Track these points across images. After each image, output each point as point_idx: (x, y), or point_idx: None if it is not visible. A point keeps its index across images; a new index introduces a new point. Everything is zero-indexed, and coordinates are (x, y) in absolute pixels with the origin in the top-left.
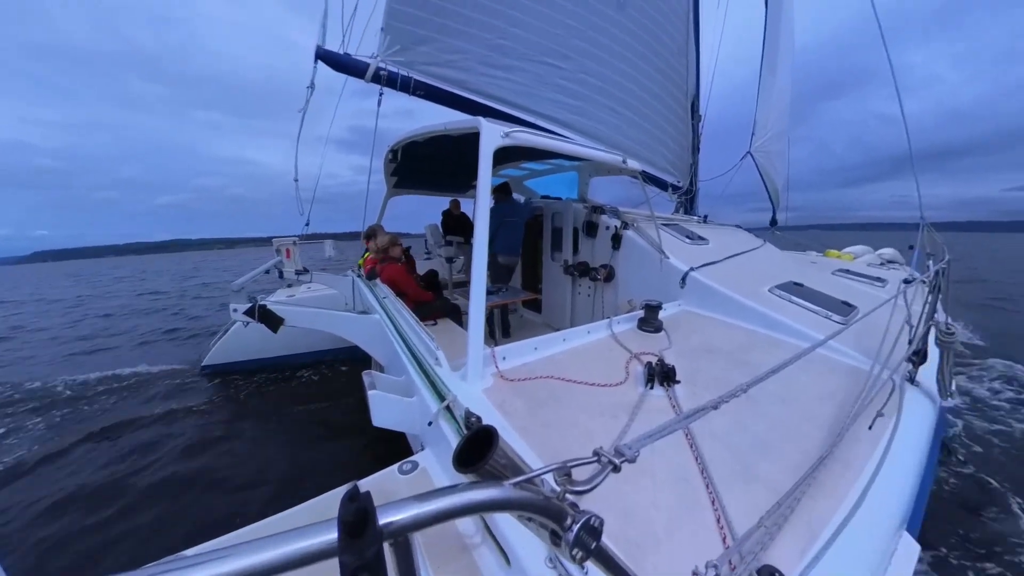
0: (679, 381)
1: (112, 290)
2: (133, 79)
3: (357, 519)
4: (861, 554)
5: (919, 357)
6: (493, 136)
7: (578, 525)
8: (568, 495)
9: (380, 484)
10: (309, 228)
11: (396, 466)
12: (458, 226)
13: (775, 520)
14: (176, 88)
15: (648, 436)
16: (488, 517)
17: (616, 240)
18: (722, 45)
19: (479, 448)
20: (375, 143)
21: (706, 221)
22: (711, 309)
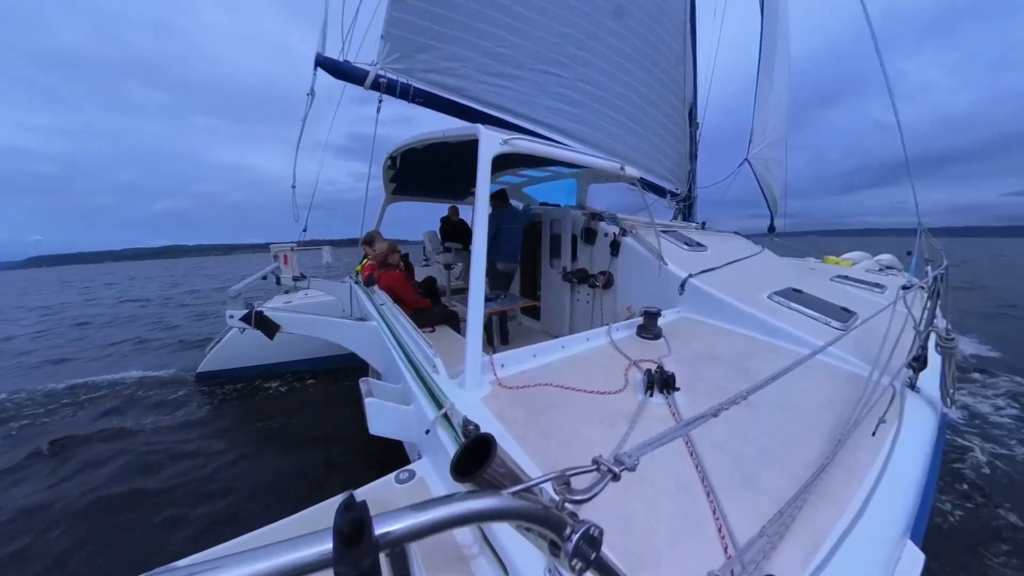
0: (679, 388)
1: (98, 296)
2: (132, 85)
3: (353, 529)
4: (864, 563)
5: (919, 363)
6: (492, 143)
7: (577, 535)
8: (567, 504)
9: (376, 493)
10: (307, 234)
11: (393, 475)
12: (456, 233)
13: (777, 529)
14: (176, 94)
15: (648, 444)
16: (486, 527)
17: (615, 247)
18: (719, 53)
19: (477, 457)
20: (374, 150)
21: (704, 228)
22: (710, 316)
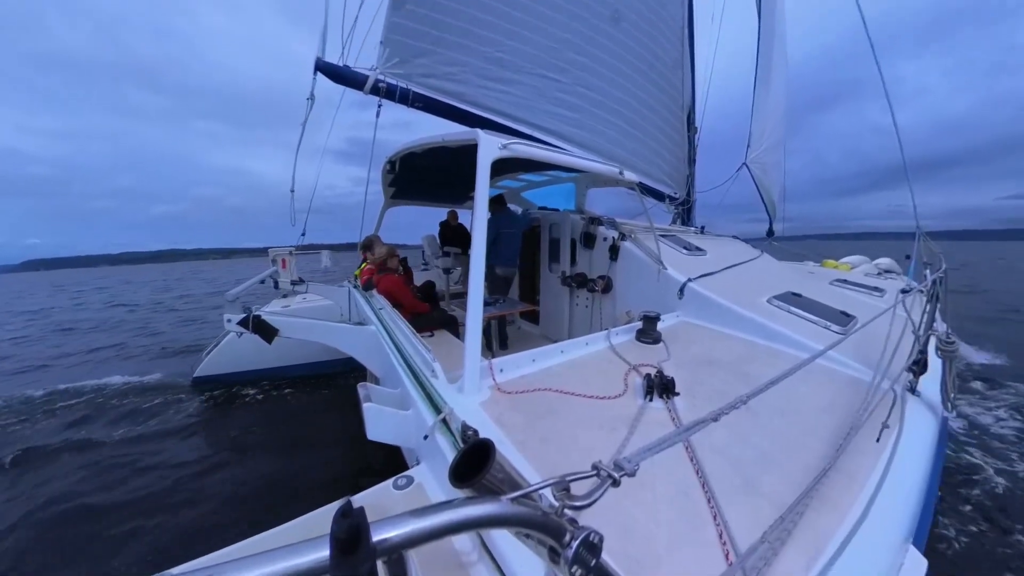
0: (678, 393)
1: (87, 301)
2: (132, 88)
3: (350, 536)
4: (867, 569)
5: (920, 367)
6: (491, 148)
7: (577, 541)
8: (567, 510)
9: (374, 500)
10: (306, 239)
11: (391, 481)
12: (455, 237)
13: (778, 535)
14: (176, 98)
15: (648, 449)
16: (485, 533)
17: (614, 251)
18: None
19: (476, 462)
20: (373, 154)
21: (703, 232)
22: (709, 320)
